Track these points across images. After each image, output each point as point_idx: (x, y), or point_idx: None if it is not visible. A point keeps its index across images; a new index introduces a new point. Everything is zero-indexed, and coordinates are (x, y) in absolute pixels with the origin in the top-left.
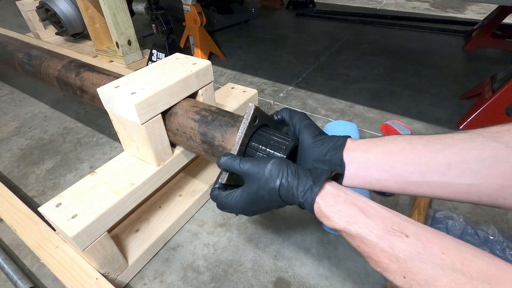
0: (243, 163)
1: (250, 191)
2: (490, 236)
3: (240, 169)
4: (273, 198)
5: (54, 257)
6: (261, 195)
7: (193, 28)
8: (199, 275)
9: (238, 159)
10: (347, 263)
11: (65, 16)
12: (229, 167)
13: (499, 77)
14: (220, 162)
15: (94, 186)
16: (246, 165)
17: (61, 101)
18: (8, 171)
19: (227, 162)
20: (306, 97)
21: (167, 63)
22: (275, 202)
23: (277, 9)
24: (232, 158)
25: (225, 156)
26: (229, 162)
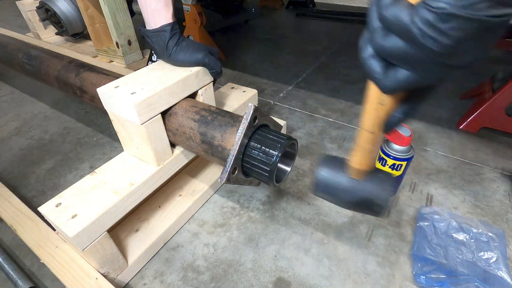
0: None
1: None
2: (474, 229)
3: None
4: None
5: (54, 257)
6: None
7: (193, 28)
8: (199, 275)
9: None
10: (347, 263)
11: (65, 16)
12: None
13: (499, 77)
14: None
15: (94, 186)
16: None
17: (61, 101)
18: (8, 171)
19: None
20: (306, 97)
21: (167, 63)
22: None
23: (277, 9)
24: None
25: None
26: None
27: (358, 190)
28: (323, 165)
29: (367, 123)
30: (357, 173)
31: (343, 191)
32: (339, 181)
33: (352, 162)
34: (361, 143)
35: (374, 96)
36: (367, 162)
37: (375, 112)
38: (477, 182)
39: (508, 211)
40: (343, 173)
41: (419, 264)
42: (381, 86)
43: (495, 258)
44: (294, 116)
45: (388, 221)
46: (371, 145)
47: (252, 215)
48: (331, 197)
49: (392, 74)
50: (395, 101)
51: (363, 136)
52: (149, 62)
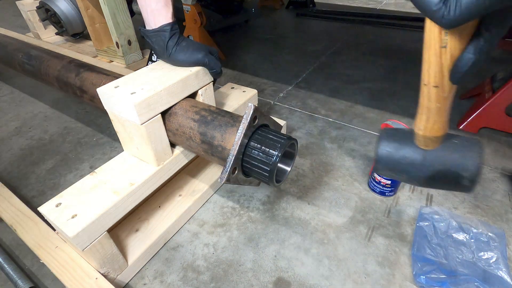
0: None
1: None
2: (473, 229)
3: None
4: None
5: (54, 257)
6: None
7: (193, 28)
8: (199, 275)
9: None
10: (347, 263)
11: (65, 16)
12: None
13: (499, 77)
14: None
15: (94, 186)
16: None
17: (61, 101)
18: (8, 171)
19: None
20: (306, 97)
21: (167, 63)
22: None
23: (277, 9)
24: None
25: None
26: None
27: (433, 161)
28: (383, 138)
29: (429, 75)
30: (427, 142)
31: (413, 166)
32: (406, 154)
33: (418, 128)
34: (425, 103)
35: (434, 38)
36: (438, 126)
37: (437, 59)
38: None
39: (508, 211)
40: (410, 144)
41: (419, 264)
42: (442, 19)
43: (495, 258)
44: (294, 116)
45: (388, 221)
46: (438, 103)
47: (252, 215)
48: (400, 174)
49: (453, 1)
50: (461, 39)
51: (427, 93)
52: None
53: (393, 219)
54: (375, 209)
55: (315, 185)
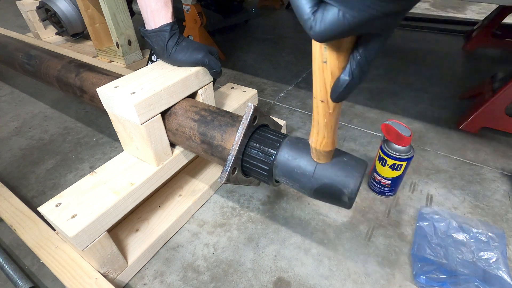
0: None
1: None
2: (474, 229)
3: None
4: None
5: (54, 257)
6: None
7: (193, 28)
8: (199, 275)
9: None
10: (347, 263)
11: (65, 16)
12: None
13: (499, 77)
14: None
15: (94, 186)
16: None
17: (61, 101)
18: (8, 171)
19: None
20: (306, 97)
21: (166, 63)
22: None
23: (277, 9)
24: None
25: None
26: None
27: (320, 175)
28: (285, 146)
29: (316, 88)
30: (319, 155)
31: (304, 176)
32: (300, 163)
33: (311, 141)
34: (315, 117)
35: (317, 50)
36: (326, 141)
37: (320, 73)
38: (477, 182)
39: (508, 211)
40: (306, 155)
41: (419, 264)
42: (310, 30)
43: (495, 258)
44: (294, 116)
45: (388, 221)
46: (325, 118)
47: (252, 215)
48: (292, 182)
49: (320, 14)
50: (338, 58)
51: (316, 107)
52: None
53: (393, 219)
54: (375, 209)
55: None
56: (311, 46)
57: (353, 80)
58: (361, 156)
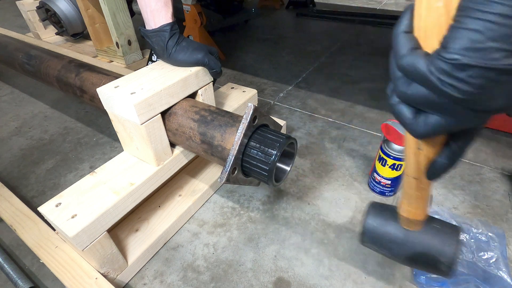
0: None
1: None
2: (473, 229)
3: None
4: None
5: (53, 257)
6: None
7: (193, 28)
8: (199, 275)
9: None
10: (347, 263)
11: (65, 16)
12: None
13: None
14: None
15: (94, 186)
16: None
17: (61, 101)
18: (8, 171)
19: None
20: (306, 97)
21: (166, 63)
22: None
23: (277, 9)
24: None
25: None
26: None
27: (414, 242)
28: (371, 212)
29: (409, 168)
30: (409, 224)
31: (395, 244)
32: (389, 231)
33: (402, 210)
34: (407, 190)
35: (412, 140)
36: (419, 211)
37: (414, 157)
38: (477, 182)
39: (508, 211)
40: (394, 222)
41: None
42: (413, 132)
43: (495, 258)
44: (294, 116)
45: None
46: (417, 192)
47: (252, 215)
48: (382, 250)
49: (422, 120)
50: (434, 145)
51: (408, 182)
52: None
53: None
54: None
55: (315, 185)
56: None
57: (451, 162)
58: (361, 156)
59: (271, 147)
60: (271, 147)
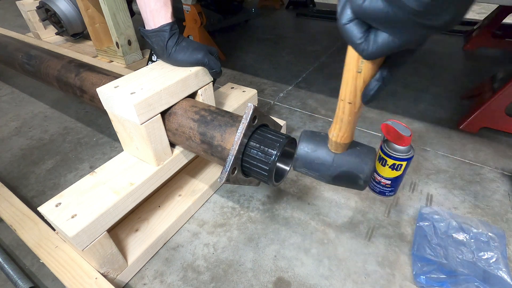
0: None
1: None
2: (473, 229)
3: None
4: None
5: (53, 257)
6: None
7: (193, 28)
8: (199, 275)
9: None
10: (347, 263)
11: (65, 16)
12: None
13: (499, 77)
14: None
15: (93, 186)
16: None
17: (61, 101)
18: (8, 171)
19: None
20: (306, 97)
21: (166, 63)
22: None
23: (277, 9)
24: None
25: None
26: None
27: (338, 163)
28: (303, 140)
29: (345, 93)
30: (337, 147)
31: (323, 165)
32: (319, 155)
33: (332, 135)
34: (339, 115)
35: (352, 64)
36: (347, 135)
37: (353, 81)
38: (477, 182)
39: (508, 211)
40: (324, 147)
41: (419, 264)
42: (362, 52)
43: (495, 258)
44: (294, 116)
45: (388, 221)
46: (350, 117)
47: (252, 215)
48: (312, 172)
49: (371, 38)
50: (372, 68)
51: (342, 107)
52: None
53: (393, 219)
54: (375, 209)
55: (315, 185)
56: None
57: (384, 84)
58: None
59: (271, 147)
60: (271, 147)
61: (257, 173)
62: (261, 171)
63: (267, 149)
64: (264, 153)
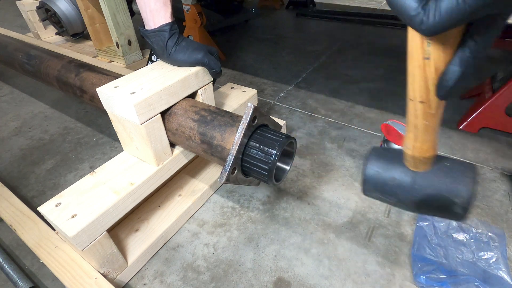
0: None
1: None
2: (473, 229)
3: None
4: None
5: (53, 257)
6: None
7: (193, 28)
8: (199, 275)
9: None
10: (347, 263)
11: (65, 16)
12: None
13: (499, 77)
14: None
15: (93, 186)
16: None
17: (61, 101)
18: (8, 171)
19: None
20: (306, 97)
21: (166, 63)
22: None
23: (277, 9)
24: None
25: None
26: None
27: (421, 185)
28: (372, 157)
29: (414, 89)
30: (417, 163)
31: (402, 188)
32: (394, 175)
33: (406, 148)
34: (412, 120)
35: (417, 48)
36: (427, 146)
37: (421, 71)
38: (477, 182)
39: (508, 211)
40: (399, 164)
41: (419, 264)
42: (420, 26)
43: (495, 258)
44: (294, 116)
45: (388, 221)
46: (425, 121)
47: (252, 215)
48: (387, 197)
49: (432, 6)
50: (445, 50)
51: (413, 110)
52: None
53: (393, 219)
54: (375, 209)
55: (315, 185)
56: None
57: (466, 69)
58: (361, 157)
59: (271, 146)
60: (271, 146)
61: (257, 173)
62: (261, 171)
63: (267, 149)
64: (264, 153)
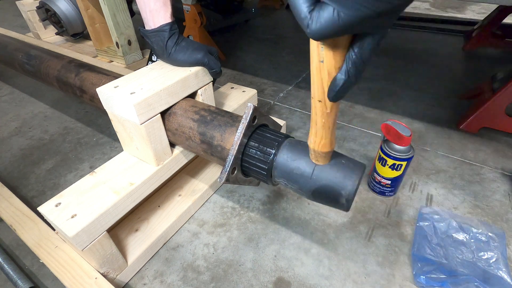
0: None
1: None
2: (473, 229)
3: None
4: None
5: (53, 257)
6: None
7: (193, 28)
8: (199, 275)
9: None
10: (347, 263)
11: (65, 16)
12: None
13: (499, 77)
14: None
15: (93, 186)
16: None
17: (61, 101)
18: (8, 171)
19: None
20: (306, 97)
21: (166, 63)
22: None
23: (277, 9)
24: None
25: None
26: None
27: (318, 176)
28: (284, 147)
29: (313, 88)
30: (317, 156)
31: (303, 177)
32: (298, 164)
33: (309, 141)
34: (313, 117)
35: (314, 50)
36: (324, 142)
37: (318, 73)
38: (477, 182)
39: (508, 211)
40: (305, 156)
41: (419, 264)
42: (307, 29)
43: (495, 258)
44: (294, 116)
45: (388, 221)
46: (322, 118)
47: (252, 215)
48: (291, 183)
49: (316, 13)
50: (335, 57)
51: (314, 107)
52: (149, 62)
53: (393, 219)
54: (375, 209)
55: None
56: (309, 46)
57: (349, 79)
58: (361, 156)
59: (270, 146)
60: (270, 146)
61: (256, 173)
62: (260, 171)
63: (266, 149)
64: (263, 153)
